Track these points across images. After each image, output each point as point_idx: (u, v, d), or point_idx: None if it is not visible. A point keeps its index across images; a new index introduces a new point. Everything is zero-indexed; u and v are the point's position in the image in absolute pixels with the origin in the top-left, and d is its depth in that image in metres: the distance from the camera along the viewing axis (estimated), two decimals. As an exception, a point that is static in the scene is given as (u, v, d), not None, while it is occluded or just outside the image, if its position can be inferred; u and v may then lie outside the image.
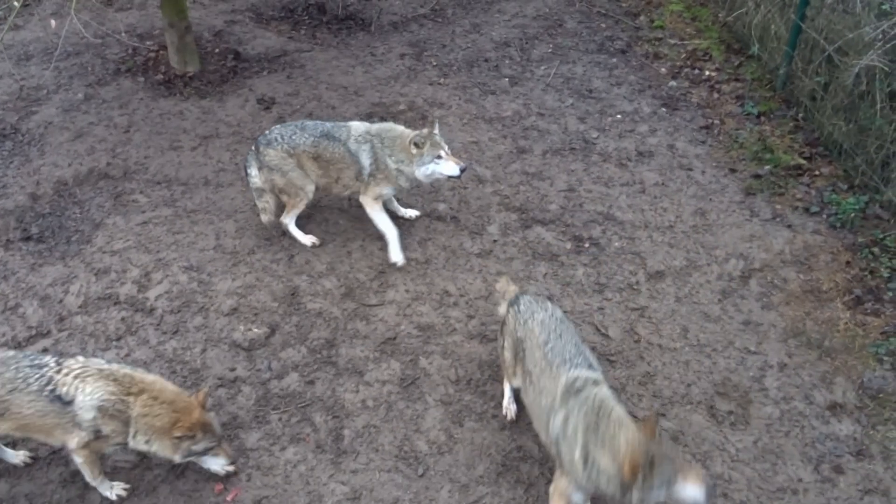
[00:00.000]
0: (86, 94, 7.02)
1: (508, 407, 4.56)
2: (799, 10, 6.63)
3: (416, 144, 5.21)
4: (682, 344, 5.00)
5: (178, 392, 3.99)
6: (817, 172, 6.21)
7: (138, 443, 3.91)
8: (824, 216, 5.81)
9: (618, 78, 7.56)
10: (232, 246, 5.59)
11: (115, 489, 4.15)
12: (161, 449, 3.92)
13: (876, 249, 5.44)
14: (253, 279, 5.36)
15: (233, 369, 4.79)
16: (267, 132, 5.48)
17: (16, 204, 5.90)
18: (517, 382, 4.28)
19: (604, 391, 3.74)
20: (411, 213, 5.85)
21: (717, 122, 6.93)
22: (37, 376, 3.82)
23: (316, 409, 4.62)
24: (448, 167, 5.27)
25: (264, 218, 5.54)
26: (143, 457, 4.26)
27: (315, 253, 5.56)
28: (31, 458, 4.32)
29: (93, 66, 7.38)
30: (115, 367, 3.94)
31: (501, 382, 4.68)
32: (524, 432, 4.49)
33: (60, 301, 5.15)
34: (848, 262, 5.42)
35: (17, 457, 4.30)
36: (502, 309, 4.47)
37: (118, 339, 4.91)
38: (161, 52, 7.45)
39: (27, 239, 5.58)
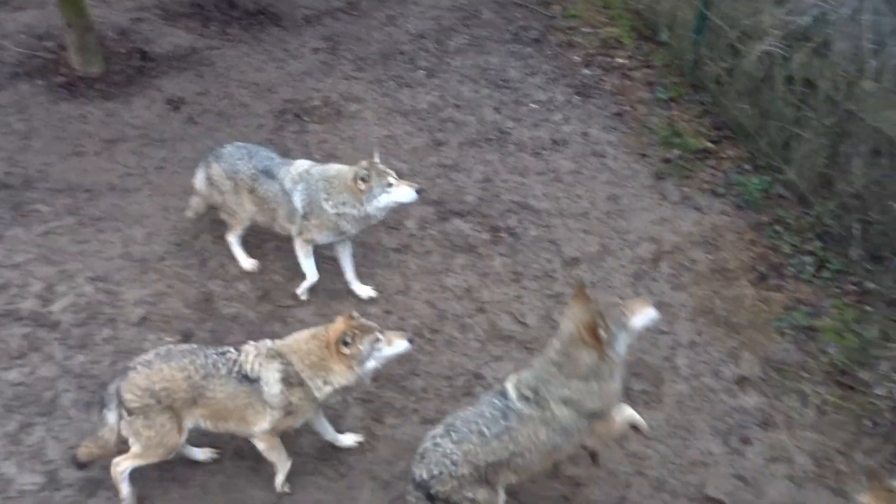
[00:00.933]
0: (-20, 100, 6.70)
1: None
2: (702, -3, 6.82)
3: (362, 179, 4.74)
4: (597, 328, 5.10)
5: (313, 331, 4.03)
6: (724, 155, 6.42)
7: (323, 390, 3.94)
8: (730, 197, 6.01)
9: (532, 67, 7.63)
10: (140, 253, 5.42)
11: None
12: (342, 377, 3.92)
13: (779, 227, 5.66)
14: (164, 286, 5.22)
15: (145, 380, 4.65)
16: (222, 146, 5.30)
17: None
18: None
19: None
20: (367, 291, 5.26)
21: (628, 108, 7.08)
22: (224, 361, 3.94)
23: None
24: (402, 193, 4.77)
25: (188, 213, 5.47)
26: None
27: (229, 256, 5.44)
28: (218, 454, 4.30)
29: (-13, 70, 7.05)
30: (270, 343, 4.05)
31: (421, 376, 4.70)
32: (444, 425, 4.51)
33: (-42, 319, 4.91)
34: (752, 241, 5.62)
35: (204, 454, 4.28)
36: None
37: (21, 357, 4.70)
38: (61, 52, 7.15)
39: (-80, 255, 5.31)
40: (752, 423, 4.55)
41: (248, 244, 5.47)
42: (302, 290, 5.18)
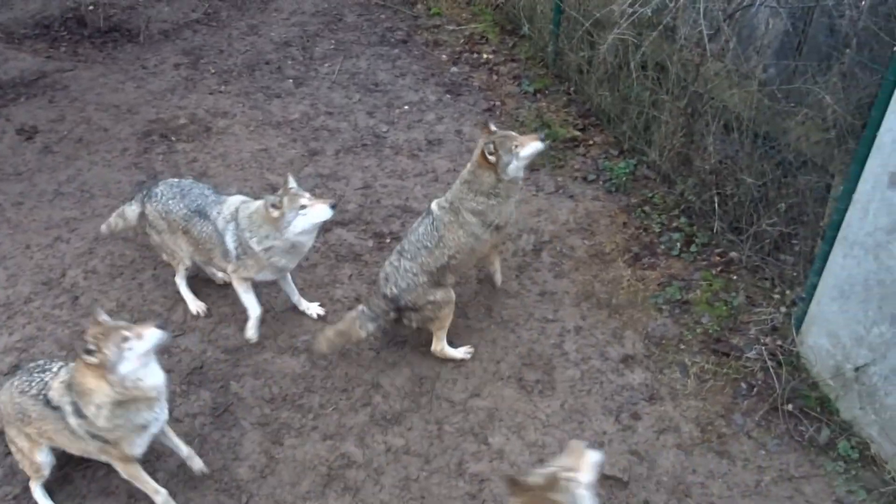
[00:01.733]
0: None
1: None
2: (556, -9, 7.05)
3: (273, 206, 4.56)
4: (487, 323, 5.21)
5: None
6: (591, 142, 6.68)
7: (98, 415, 3.67)
8: (601, 182, 6.27)
9: (401, 69, 7.67)
10: (4, 297, 5.09)
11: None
12: (103, 393, 3.64)
13: (647, 208, 5.95)
14: (33, 329, 4.92)
15: (21, 433, 4.38)
16: (158, 183, 5.06)
17: None
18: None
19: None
20: (315, 309, 5.23)
21: (498, 103, 7.24)
22: (38, 381, 3.85)
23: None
24: (317, 212, 4.61)
25: (102, 227, 5.25)
26: None
27: (103, 290, 5.19)
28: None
29: None
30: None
31: (317, 392, 4.66)
32: (346, 438, 4.50)
33: None
34: (624, 223, 5.88)
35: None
36: (358, 324, 4.76)
37: None
38: None
39: None
40: (640, 398, 4.78)
41: (120, 277, 5.23)
42: (251, 329, 4.99)
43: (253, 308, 4.99)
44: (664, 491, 4.34)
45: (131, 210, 5.09)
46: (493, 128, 4.77)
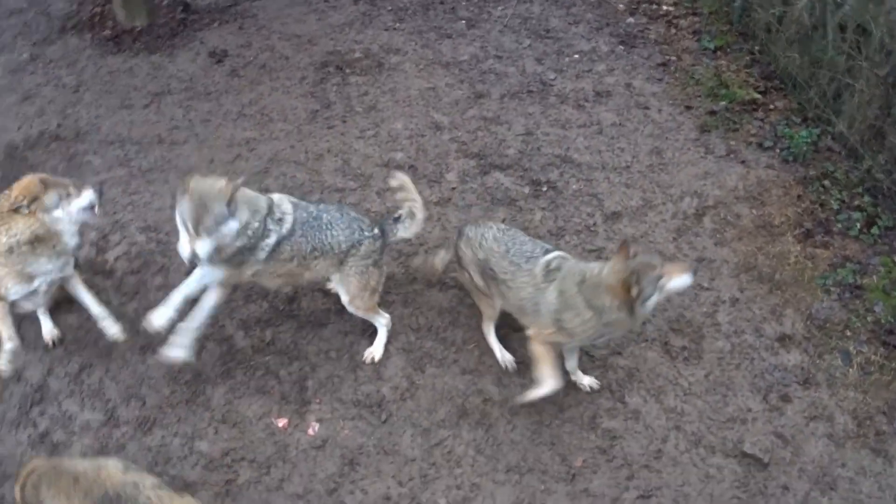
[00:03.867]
0: (31, 54, 6.85)
1: (504, 359, 4.63)
2: (753, -59, 6.57)
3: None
4: (637, 283, 5.10)
5: None
6: (772, 107, 6.25)
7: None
8: (777, 150, 5.88)
9: (575, 16, 7.48)
10: (189, 204, 5.56)
11: None
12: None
13: (826, 182, 5.53)
14: (211, 237, 5.35)
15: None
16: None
17: (-34, 170, 5.81)
18: (495, 307, 4.51)
19: (573, 261, 4.25)
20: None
21: (674, 58, 6.91)
22: None
23: (279, 362, 4.69)
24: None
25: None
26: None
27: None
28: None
29: (37, 25, 7.18)
30: None
31: (461, 328, 4.79)
32: (484, 375, 4.61)
33: (18, 267, 5.12)
34: (799, 196, 5.51)
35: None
36: (440, 258, 4.74)
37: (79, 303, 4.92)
38: (107, 6, 7.24)
39: (-20, 206, 5.50)
40: (793, 380, 4.54)
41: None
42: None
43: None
44: (807, 479, 4.14)
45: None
46: (632, 250, 3.97)
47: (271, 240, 4.21)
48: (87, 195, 4.27)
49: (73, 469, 3.48)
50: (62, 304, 4.89)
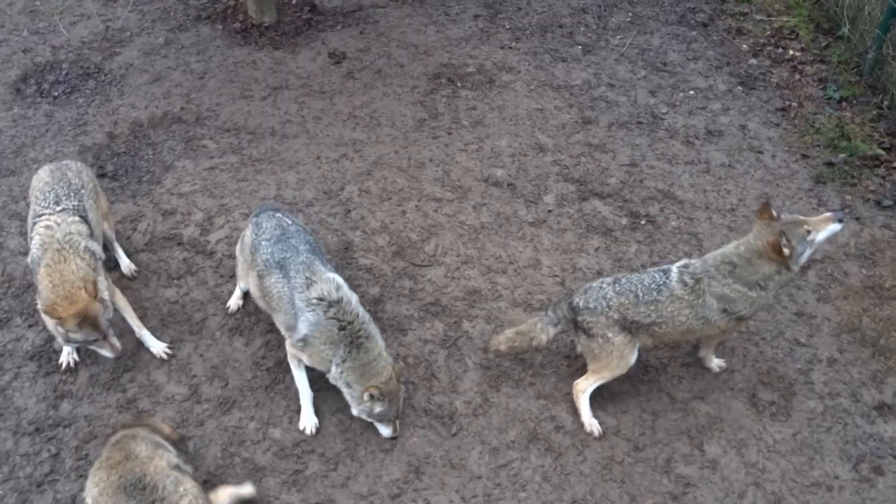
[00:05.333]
0: (166, 39, 7.25)
1: (591, 424, 4.41)
2: (895, -9, 6.27)
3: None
4: (730, 330, 4.92)
5: (75, 281, 4.15)
6: (895, 164, 5.93)
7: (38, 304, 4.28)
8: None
9: (695, 52, 7.33)
10: (291, 196, 5.75)
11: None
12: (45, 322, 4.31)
13: (948, 249, 5.20)
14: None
15: (283, 316, 4.97)
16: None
17: (94, 141, 6.18)
18: (627, 359, 4.35)
19: (698, 261, 4.33)
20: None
21: (794, 104, 6.67)
22: None
23: (358, 361, 4.75)
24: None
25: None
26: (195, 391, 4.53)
27: (371, 209, 5.66)
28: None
29: (175, 12, 7.60)
30: (55, 232, 4.34)
31: (541, 352, 4.74)
32: (559, 403, 4.54)
33: (128, 238, 5.41)
34: (916, 261, 5.21)
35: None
36: (542, 331, 4.45)
37: (178, 279, 5.15)
38: (240, 1, 7.60)
39: (102, 176, 5.86)
40: (889, 453, 4.27)
41: (388, 202, 5.65)
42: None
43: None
44: (893, 560, 3.88)
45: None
46: (773, 212, 4.08)
47: None
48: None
49: (131, 448, 3.66)
50: (161, 276, 5.14)
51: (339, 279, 4.27)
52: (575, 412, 4.46)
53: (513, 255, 5.38)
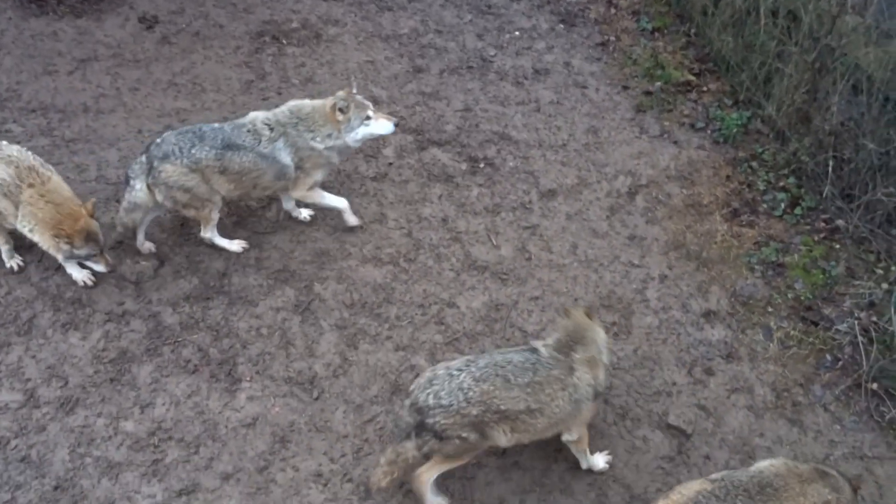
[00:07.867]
0: (-55, 14, 6.47)
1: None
2: (691, -77, 6.63)
3: (340, 110, 4.75)
4: (570, 260, 5.17)
5: (69, 197, 4.45)
6: (705, 88, 6.38)
7: (24, 228, 4.46)
8: (709, 132, 6.01)
9: (516, -8, 7.45)
10: (115, 176, 5.37)
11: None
12: (43, 242, 4.47)
13: (755, 163, 5.69)
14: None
15: (121, 303, 4.70)
16: (160, 142, 4.67)
17: None
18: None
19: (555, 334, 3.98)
20: (306, 214, 5.24)
21: (612, 38, 6.97)
22: None
23: (209, 339, 4.60)
24: (381, 126, 4.85)
25: (118, 230, 4.86)
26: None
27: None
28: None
29: (-48, -18, 6.78)
30: (24, 156, 4.50)
31: (395, 304, 4.78)
32: (417, 352, 4.62)
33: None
34: (728, 177, 5.65)
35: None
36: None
37: (-4, 278, 4.73)
38: (29, -35, 6.88)
39: None
40: (717, 355, 4.69)
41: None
42: (350, 217, 5.14)
43: (337, 201, 5.11)
44: (727, 449, 4.30)
45: (136, 193, 4.67)
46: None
47: None
48: None
49: None
50: (-21, 278, 4.71)
51: None
52: (433, 359, 4.55)
53: (357, 212, 5.33)
